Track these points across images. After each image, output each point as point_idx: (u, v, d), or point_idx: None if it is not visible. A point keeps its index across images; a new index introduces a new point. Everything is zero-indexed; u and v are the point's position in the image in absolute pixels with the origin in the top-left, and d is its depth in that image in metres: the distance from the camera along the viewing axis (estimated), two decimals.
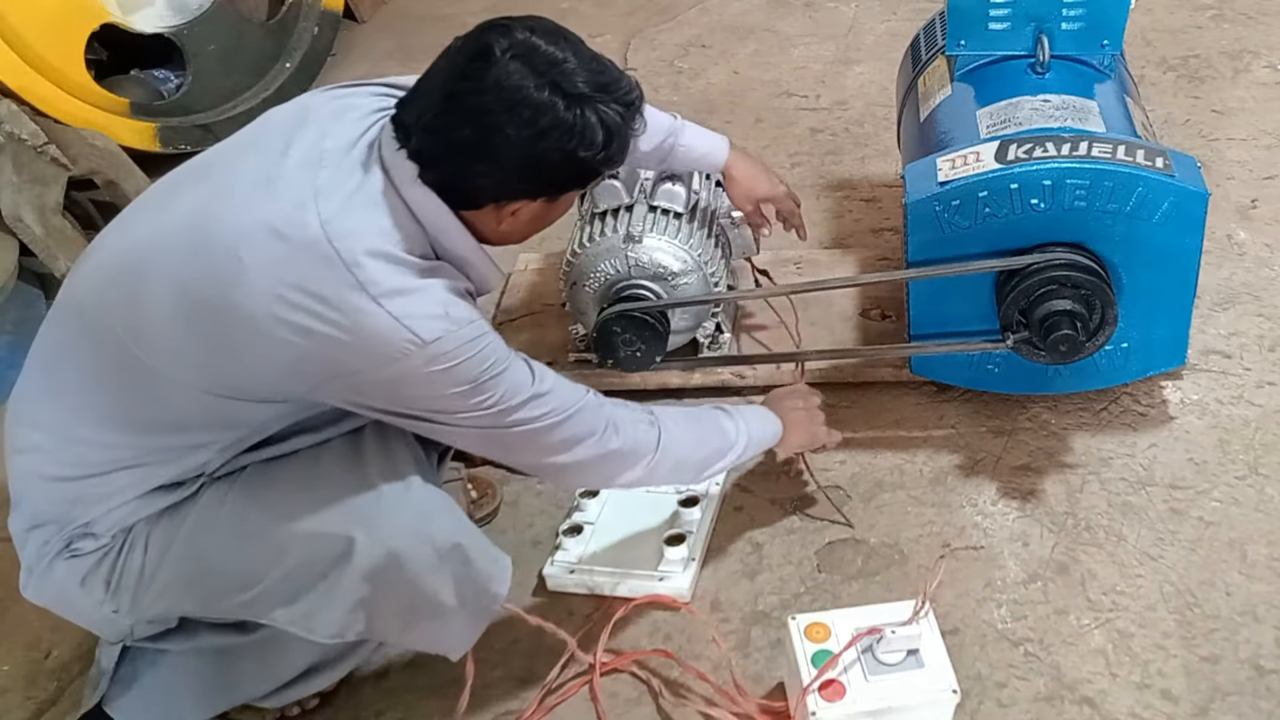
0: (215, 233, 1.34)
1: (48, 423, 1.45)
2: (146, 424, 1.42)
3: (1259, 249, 2.41)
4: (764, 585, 1.82)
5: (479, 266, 1.46)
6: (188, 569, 1.46)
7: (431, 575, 1.45)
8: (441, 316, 1.34)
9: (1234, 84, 3.04)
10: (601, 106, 1.35)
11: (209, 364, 1.37)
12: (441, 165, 1.36)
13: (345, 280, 1.30)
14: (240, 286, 1.31)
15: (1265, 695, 1.57)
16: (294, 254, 1.31)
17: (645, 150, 1.88)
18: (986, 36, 2.06)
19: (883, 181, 2.80)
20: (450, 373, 1.35)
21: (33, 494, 1.46)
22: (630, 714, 1.65)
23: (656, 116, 1.87)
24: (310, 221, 1.31)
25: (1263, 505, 1.85)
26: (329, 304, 1.30)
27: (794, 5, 3.81)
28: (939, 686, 1.47)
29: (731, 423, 1.69)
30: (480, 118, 1.32)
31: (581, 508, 1.93)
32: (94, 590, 1.47)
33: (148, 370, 1.38)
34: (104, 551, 1.46)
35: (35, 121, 2.67)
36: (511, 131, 1.32)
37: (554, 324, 2.31)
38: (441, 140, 1.35)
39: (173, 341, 1.37)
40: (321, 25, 3.68)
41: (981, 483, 1.95)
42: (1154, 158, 1.79)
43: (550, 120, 1.32)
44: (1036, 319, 1.81)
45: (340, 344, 1.32)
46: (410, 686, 1.72)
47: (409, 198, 1.37)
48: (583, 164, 1.38)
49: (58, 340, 1.47)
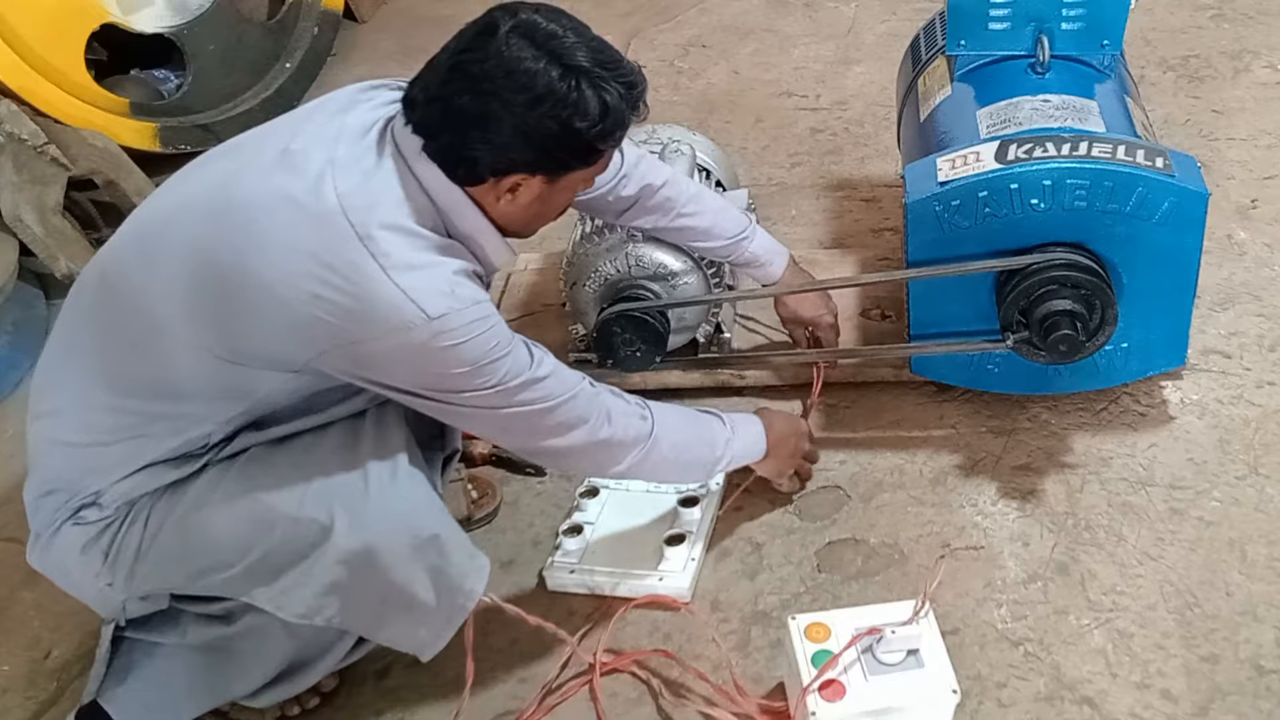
0: (236, 198, 1.40)
1: (66, 385, 1.49)
2: (154, 389, 1.45)
3: (1259, 249, 2.41)
4: (764, 585, 1.82)
5: (489, 244, 1.49)
6: (179, 544, 1.48)
7: (406, 566, 1.46)
8: (448, 294, 1.37)
9: (1234, 84, 3.04)
10: (599, 81, 1.38)
11: (215, 323, 1.40)
12: (441, 135, 1.40)
13: (358, 251, 1.34)
14: (254, 251, 1.36)
15: (1265, 695, 1.57)
16: (310, 223, 1.35)
17: (716, 245, 1.97)
18: (986, 36, 2.06)
19: (883, 181, 2.80)
20: (453, 351, 1.37)
21: (48, 460, 1.50)
22: (630, 714, 1.65)
23: (732, 217, 1.97)
24: (327, 193, 1.36)
25: (1263, 505, 1.85)
26: (339, 272, 1.34)
27: (794, 5, 3.81)
28: (939, 686, 1.47)
29: (724, 433, 1.71)
30: (478, 84, 1.37)
31: (581, 508, 1.93)
32: (92, 561, 1.49)
33: (157, 330, 1.42)
34: (106, 523, 1.49)
35: (35, 121, 2.67)
36: (507, 97, 1.36)
37: (554, 324, 2.31)
38: (442, 109, 1.39)
39: (184, 300, 1.40)
40: (321, 25, 3.68)
41: (981, 483, 1.95)
42: (1154, 158, 1.79)
43: (545, 87, 1.36)
44: (1036, 319, 1.81)
45: (346, 312, 1.35)
46: (410, 686, 1.73)
47: (419, 173, 1.41)
48: (578, 137, 1.40)
49: (78, 306, 1.52)
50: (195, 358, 1.42)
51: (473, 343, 1.38)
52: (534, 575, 1.86)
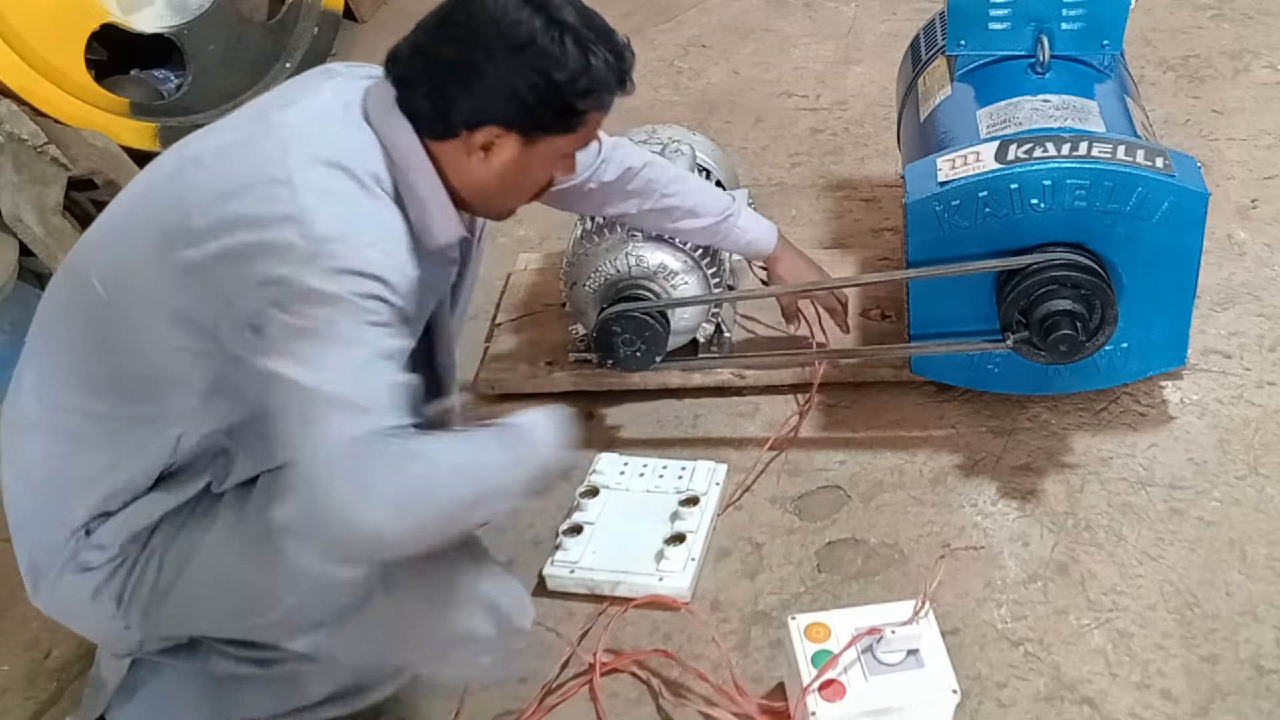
0: (191, 152, 1.38)
1: (37, 387, 1.43)
2: (131, 384, 1.39)
3: (1259, 249, 2.41)
4: (764, 585, 1.82)
5: (436, 210, 1.41)
6: (206, 586, 1.43)
7: (458, 610, 1.43)
8: (344, 220, 1.27)
9: (1234, 84, 3.04)
10: (585, 41, 1.36)
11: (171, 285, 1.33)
12: (419, 86, 1.38)
13: (279, 172, 1.28)
14: (191, 196, 1.32)
15: (1265, 695, 1.57)
16: (248, 154, 1.32)
17: (701, 226, 1.94)
18: (986, 36, 2.06)
19: (883, 181, 2.80)
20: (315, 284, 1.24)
21: (29, 480, 1.44)
22: (630, 714, 1.65)
23: (717, 196, 1.95)
24: (272, 124, 1.34)
25: (1263, 505, 1.85)
26: (252, 192, 1.28)
27: (794, 5, 3.81)
28: (939, 686, 1.47)
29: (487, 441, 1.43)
30: (461, 33, 1.36)
31: (582, 508, 1.93)
32: (105, 606, 1.44)
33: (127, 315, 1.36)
34: (116, 564, 1.43)
35: (35, 121, 2.67)
36: (489, 44, 1.34)
37: (554, 324, 2.31)
38: (424, 61, 1.38)
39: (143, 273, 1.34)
40: (321, 25, 3.68)
41: (981, 483, 1.95)
42: (1154, 158, 1.79)
43: (527, 35, 1.34)
44: (1036, 319, 1.81)
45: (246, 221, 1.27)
46: (410, 686, 1.72)
47: (382, 127, 1.37)
48: (556, 91, 1.36)
49: (49, 305, 1.46)
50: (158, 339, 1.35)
51: (340, 296, 1.24)
52: (534, 575, 1.86)
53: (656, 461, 2.01)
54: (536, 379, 2.20)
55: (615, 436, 2.13)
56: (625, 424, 2.15)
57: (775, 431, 2.07)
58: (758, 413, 2.14)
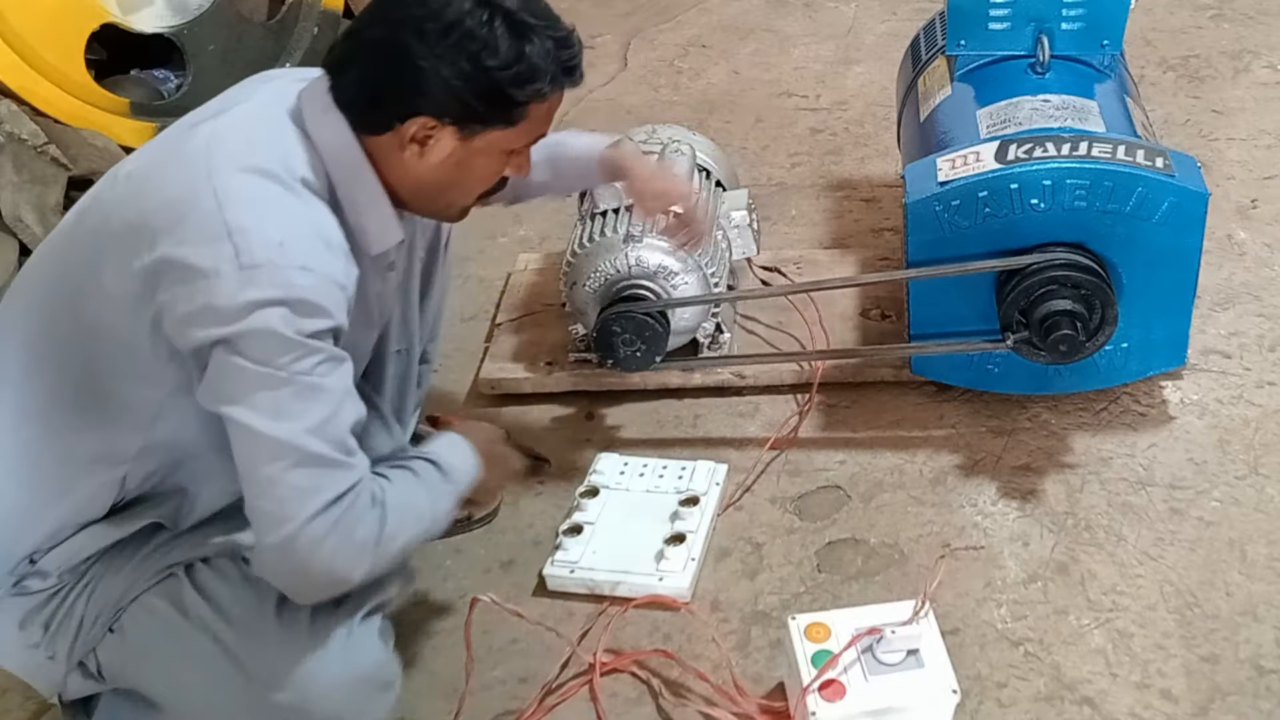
0: (124, 170, 1.36)
1: None
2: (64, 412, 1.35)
3: (1259, 249, 2.41)
4: (764, 585, 1.82)
5: (375, 215, 1.36)
6: (121, 657, 1.41)
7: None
8: (277, 246, 1.22)
9: (1234, 84, 3.04)
10: (521, 27, 1.29)
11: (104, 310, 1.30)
12: (349, 70, 1.32)
13: (204, 185, 1.24)
14: (119, 205, 1.30)
15: (1265, 695, 1.57)
16: (173, 164, 1.29)
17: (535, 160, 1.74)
18: (986, 36, 2.06)
19: (883, 181, 2.80)
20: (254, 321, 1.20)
21: None
22: (630, 714, 1.65)
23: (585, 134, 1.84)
24: (199, 135, 1.30)
25: (1263, 505, 1.85)
26: (175, 207, 1.24)
27: (794, 5, 3.81)
28: (939, 686, 1.47)
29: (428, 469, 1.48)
30: (391, 13, 1.29)
31: (582, 508, 1.93)
32: (31, 633, 1.39)
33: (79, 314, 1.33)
34: (51, 592, 1.39)
35: (35, 121, 2.67)
36: (419, 25, 1.27)
37: (554, 324, 2.31)
38: (355, 43, 1.33)
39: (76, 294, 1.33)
40: (321, 25, 3.67)
41: (981, 483, 1.95)
42: (1154, 158, 1.79)
43: (455, 15, 1.27)
44: (1036, 319, 1.81)
45: (168, 234, 1.23)
46: (410, 686, 1.72)
47: (315, 127, 1.32)
48: (489, 79, 1.28)
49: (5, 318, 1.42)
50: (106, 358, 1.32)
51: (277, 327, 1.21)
52: (534, 575, 1.86)
53: (656, 461, 2.01)
54: (536, 379, 2.20)
55: (615, 436, 2.13)
56: (625, 424, 2.15)
57: (775, 431, 2.07)
58: (758, 413, 2.14)
